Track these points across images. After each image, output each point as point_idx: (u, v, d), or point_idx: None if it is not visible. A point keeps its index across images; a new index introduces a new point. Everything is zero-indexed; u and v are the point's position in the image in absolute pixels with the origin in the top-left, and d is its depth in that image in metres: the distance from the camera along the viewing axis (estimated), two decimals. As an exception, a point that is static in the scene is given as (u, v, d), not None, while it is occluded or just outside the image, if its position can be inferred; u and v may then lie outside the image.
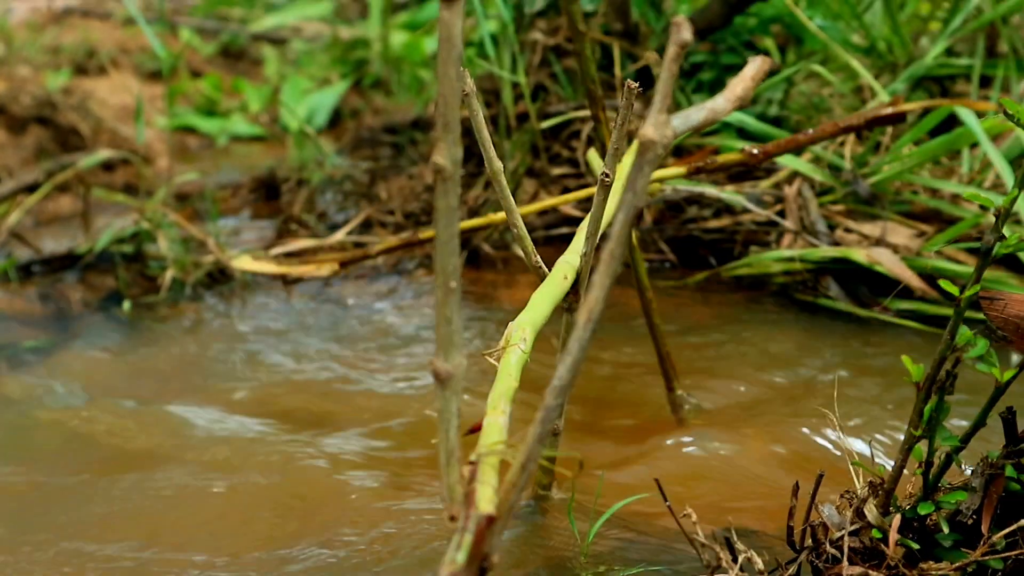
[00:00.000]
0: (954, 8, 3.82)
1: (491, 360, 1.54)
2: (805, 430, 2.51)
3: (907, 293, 3.07)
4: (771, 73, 3.68)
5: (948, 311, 1.51)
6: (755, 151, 2.63)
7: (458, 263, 1.19)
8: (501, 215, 2.59)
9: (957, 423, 1.97)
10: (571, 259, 1.95)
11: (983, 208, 1.82)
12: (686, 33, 1.14)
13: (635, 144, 1.16)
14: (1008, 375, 1.52)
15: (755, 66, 1.31)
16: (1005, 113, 1.51)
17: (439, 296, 1.21)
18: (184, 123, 5.30)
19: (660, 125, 1.13)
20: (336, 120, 5.44)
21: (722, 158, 2.62)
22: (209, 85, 5.61)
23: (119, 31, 6.09)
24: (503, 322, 3.17)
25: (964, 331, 1.53)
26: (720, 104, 1.26)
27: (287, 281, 2.87)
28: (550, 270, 1.95)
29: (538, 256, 1.99)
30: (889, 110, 2.71)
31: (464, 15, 3.65)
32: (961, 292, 1.53)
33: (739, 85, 1.28)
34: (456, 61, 1.14)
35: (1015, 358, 2.66)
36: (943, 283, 1.54)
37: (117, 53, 5.74)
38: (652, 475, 1.91)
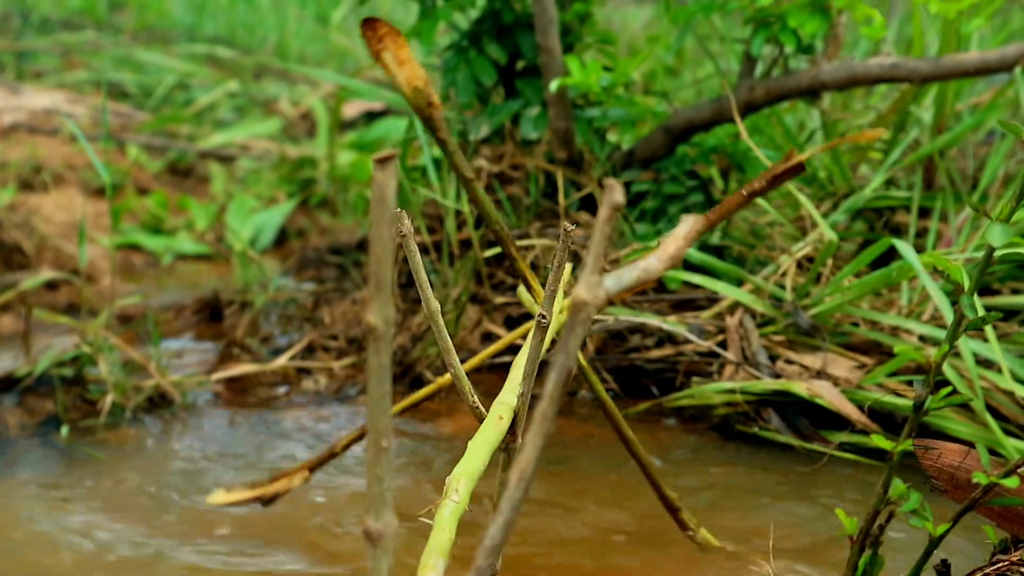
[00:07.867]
0: (893, 141, 3.89)
1: (426, 520, 1.52)
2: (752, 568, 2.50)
3: (848, 425, 3.08)
4: (713, 203, 3.73)
5: (888, 445, 1.51)
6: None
7: (390, 422, 1.19)
8: (447, 378, 2.57)
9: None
10: (507, 399, 1.94)
11: (922, 342, 1.84)
12: (618, 195, 1.14)
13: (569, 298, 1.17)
14: (941, 529, 1.53)
15: (688, 225, 1.32)
16: (936, 270, 1.53)
17: (370, 455, 1.19)
18: (129, 240, 5.29)
19: (593, 286, 1.14)
20: (282, 239, 5.46)
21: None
22: (155, 202, 5.61)
23: (66, 147, 6.09)
24: (444, 450, 3.17)
25: (898, 484, 1.53)
26: (653, 264, 1.26)
27: (264, 502, 2.87)
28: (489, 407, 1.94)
29: (475, 397, 1.98)
30: (787, 165, 2.71)
31: (409, 141, 3.64)
32: (895, 444, 1.53)
33: (672, 244, 1.30)
34: (389, 221, 1.15)
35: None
36: (876, 439, 1.54)
37: (63, 169, 5.73)
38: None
